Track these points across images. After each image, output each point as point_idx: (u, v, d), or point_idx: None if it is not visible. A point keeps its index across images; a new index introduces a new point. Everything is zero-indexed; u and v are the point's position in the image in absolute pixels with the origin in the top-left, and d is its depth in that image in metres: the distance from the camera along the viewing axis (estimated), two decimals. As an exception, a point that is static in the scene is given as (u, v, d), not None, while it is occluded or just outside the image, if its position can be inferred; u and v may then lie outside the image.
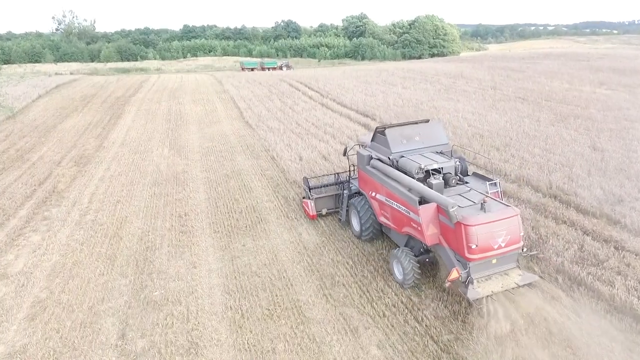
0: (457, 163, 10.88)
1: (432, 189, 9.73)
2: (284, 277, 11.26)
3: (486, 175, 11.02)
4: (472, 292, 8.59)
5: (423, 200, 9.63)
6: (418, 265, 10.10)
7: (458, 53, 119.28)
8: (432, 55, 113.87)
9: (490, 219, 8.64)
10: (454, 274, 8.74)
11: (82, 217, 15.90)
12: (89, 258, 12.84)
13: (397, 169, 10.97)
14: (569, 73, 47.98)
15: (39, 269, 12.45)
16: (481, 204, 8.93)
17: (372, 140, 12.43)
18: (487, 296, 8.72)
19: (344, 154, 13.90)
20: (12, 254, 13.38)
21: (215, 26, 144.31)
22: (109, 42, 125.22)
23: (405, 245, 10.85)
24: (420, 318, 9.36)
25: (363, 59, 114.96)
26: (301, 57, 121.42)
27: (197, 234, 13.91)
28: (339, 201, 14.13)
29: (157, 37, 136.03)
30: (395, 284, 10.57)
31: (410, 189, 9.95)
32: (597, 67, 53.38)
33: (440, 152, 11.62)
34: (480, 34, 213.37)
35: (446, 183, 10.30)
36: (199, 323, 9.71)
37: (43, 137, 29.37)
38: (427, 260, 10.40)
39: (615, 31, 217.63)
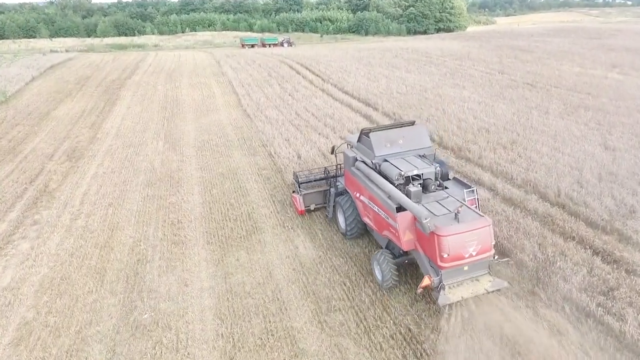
0: (437, 168, 11.15)
1: (410, 196, 10.10)
2: (278, 299, 10.82)
3: (465, 182, 11.37)
4: (443, 298, 9.08)
5: (401, 207, 9.91)
6: (396, 268, 10.56)
7: (465, 28, 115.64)
8: (438, 30, 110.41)
9: (462, 230, 8.99)
10: (425, 281, 9.33)
11: (72, 221, 15.44)
12: (78, 272, 12.44)
13: (380, 173, 11.36)
14: (580, 53, 46.23)
15: (27, 283, 12.07)
16: (455, 213, 9.24)
17: (358, 141, 12.68)
18: (457, 302, 9.15)
19: (332, 152, 14.46)
20: (0, 266, 12.99)
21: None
22: (106, 15, 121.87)
23: (386, 247, 11.24)
24: (419, 353, 8.94)
25: (367, 34, 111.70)
26: (303, 31, 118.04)
27: (190, 245, 13.43)
28: (327, 197, 14.38)
29: (155, 10, 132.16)
30: (394, 311, 10.12)
31: (389, 196, 10.29)
32: (609, 46, 51.45)
33: (423, 156, 11.90)
34: (489, 6, 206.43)
35: (426, 188, 10.72)
36: (188, 354, 9.34)
37: (36, 125, 28.66)
38: (406, 261, 10.80)
39: (629, 2, 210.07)
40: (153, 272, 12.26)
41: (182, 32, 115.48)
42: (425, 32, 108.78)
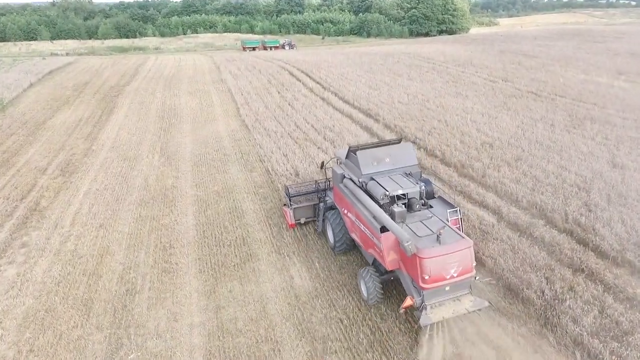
0: (422, 187, 11.27)
1: (394, 216, 10.23)
2: (271, 338, 10.28)
3: (449, 201, 11.56)
4: (424, 318, 9.25)
5: (386, 228, 9.98)
6: (381, 285, 10.72)
7: (467, 29, 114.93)
8: (441, 32, 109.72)
9: (443, 252, 9.17)
10: (407, 302, 9.57)
11: (62, 244, 14.93)
12: (64, 303, 11.92)
13: (366, 191, 11.53)
14: (585, 59, 45.55)
15: (10, 316, 11.57)
16: (437, 235, 9.38)
17: (346, 158, 12.84)
18: (439, 322, 9.30)
19: (321, 167, 14.66)
20: (-16, 296, 12.48)
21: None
22: (107, 17, 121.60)
23: (373, 264, 11.40)
24: (419, 406, 8.38)
25: (369, 36, 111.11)
26: (304, 33, 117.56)
27: (181, 273, 12.90)
28: (317, 211, 14.52)
29: (157, 12, 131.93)
30: (394, 355, 9.55)
31: (374, 216, 10.41)
32: (614, 51, 50.76)
33: (409, 174, 12.08)
34: (492, 6, 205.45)
35: (411, 208, 10.85)
36: (175, 402, 8.80)
37: (31, 135, 28.19)
38: (392, 278, 10.89)
39: (633, 2, 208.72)
40: (142, 304, 11.73)
41: (184, 34, 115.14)
42: (427, 34, 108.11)
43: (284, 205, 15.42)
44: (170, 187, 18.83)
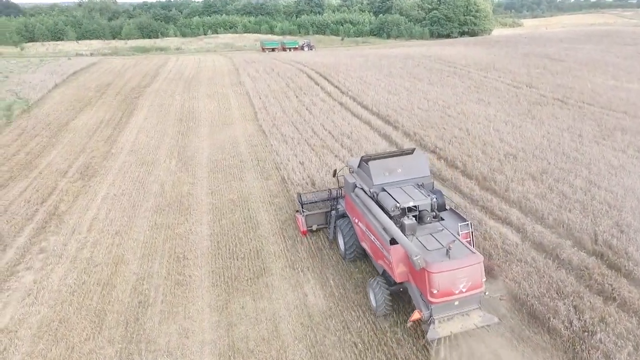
0: (434, 199, 11.16)
1: (404, 229, 10.18)
2: (283, 360, 9.99)
3: (461, 214, 11.40)
4: (432, 333, 9.18)
5: (395, 240, 9.91)
6: (390, 296, 10.64)
7: (490, 31, 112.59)
8: (462, 34, 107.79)
9: (453, 267, 9.07)
10: (415, 315, 9.53)
11: (78, 251, 15.00)
12: (77, 313, 11.91)
13: (377, 202, 11.41)
14: (614, 63, 43.88)
15: (25, 325, 11.62)
16: (447, 249, 9.28)
17: (358, 167, 12.82)
18: (446, 336, 9.18)
19: (334, 175, 14.51)
20: (1, 302, 12.60)
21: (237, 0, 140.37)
22: (131, 17, 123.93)
23: (382, 274, 11.23)
24: None
25: (389, 37, 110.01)
26: (324, 34, 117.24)
27: (194, 286, 12.74)
28: (328, 219, 14.60)
29: (179, 12, 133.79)
30: (410, 386, 9.13)
31: (384, 228, 10.34)
32: (646, 55, 48.73)
33: (421, 185, 11.99)
34: (515, 7, 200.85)
35: (421, 220, 10.81)
36: None
37: (54, 137, 28.71)
38: (401, 290, 10.72)
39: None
40: (154, 318, 11.61)
41: (204, 35, 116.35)
42: (448, 36, 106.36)
43: (297, 211, 15.52)
44: (186, 194, 18.78)
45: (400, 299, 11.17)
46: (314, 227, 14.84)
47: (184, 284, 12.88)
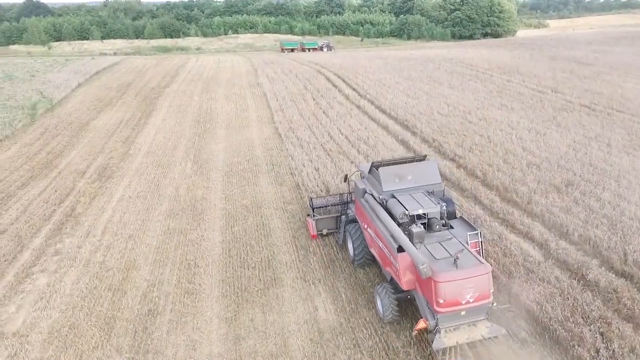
0: (444, 207, 11.07)
1: (412, 237, 10.07)
2: (291, 379, 9.68)
3: (471, 223, 11.28)
4: (437, 342, 9.12)
5: (402, 248, 9.83)
6: (397, 303, 10.58)
7: (514, 32, 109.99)
8: (485, 35, 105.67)
9: (460, 277, 8.98)
10: (421, 324, 9.44)
11: (92, 254, 15.07)
12: (87, 320, 11.89)
13: (386, 209, 11.34)
14: (646, 68, 42.01)
15: (37, 329, 11.65)
16: (454, 259, 9.19)
17: (369, 172, 12.82)
18: (452, 346, 9.13)
19: (345, 180, 14.59)
20: (15, 304, 12.71)
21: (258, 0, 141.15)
22: (154, 17, 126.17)
23: (390, 281, 11.12)
24: None
25: (409, 38, 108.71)
26: (343, 34, 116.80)
27: (204, 296, 12.57)
28: (338, 224, 14.58)
29: (200, 12, 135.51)
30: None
31: (392, 235, 10.26)
32: (681, 59, 46.57)
33: (431, 192, 11.89)
34: (541, 7, 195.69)
35: (430, 228, 10.69)
36: None
37: (75, 137, 29.21)
38: (409, 297, 10.61)
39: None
40: (162, 327, 11.48)
41: (225, 34, 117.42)
42: (471, 37, 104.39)
43: (308, 215, 15.55)
44: (200, 199, 18.71)
45: (409, 306, 10.92)
46: (324, 232, 14.88)
47: (194, 293, 12.73)
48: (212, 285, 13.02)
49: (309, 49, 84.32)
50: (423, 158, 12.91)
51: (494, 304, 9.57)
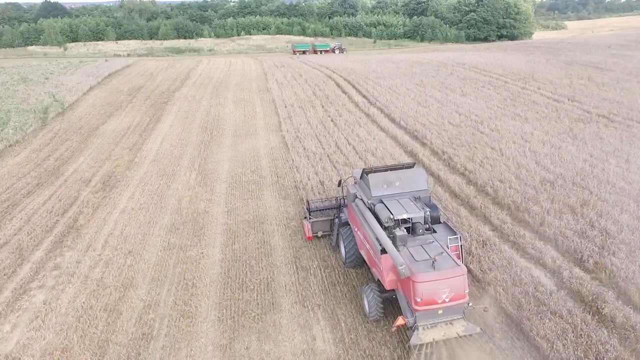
0: (427, 212, 11.79)
1: (395, 239, 10.69)
2: (284, 418, 9.25)
3: (453, 228, 12.00)
4: (415, 338, 9.73)
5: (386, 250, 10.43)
6: (381, 302, 11.24)
7: (530, 34, 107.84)
8: (500, 37, 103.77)
9: (436, 277, 9.66)
10: (399, 321, 10.17)
11: (90, 270, 14.87)
12: (81, 343, 11.64)
13: (373, 213, 11.97)
14: (669, 75, 40.45)
15: (29, 352, 11.44)
16: (433, 261, 9.88)
17: (360, 178, 13.53)
18: (429, 343, 9.70)
19: (339, 185, 15.14)
20: (10, 323, 12.54)
21: (271, 1, 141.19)
22: (168, 18, 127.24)
23: (377, 281, 11.76)
24: None
25: (422, 40, 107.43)
26: (356, 36, 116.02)
27: (200, 320, 12.23)
28: (332, 226, 15.25)
29: (214, 13, 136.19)
30: None
31: (377, 238, 10.89)
32: None
33: (418, 198, 12.54)
34: (559, 8, 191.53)
35: (414, 231, 11.38)
36: None
37: (83, 142, 29.28)
38: (393, 297, 11.13)
39: None
40: (155, 354, 11.17)
41: (238, 35, 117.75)
42: (486, 39, 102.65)
43: (304, 218, 16.12)
44: (202, 212, 18.42)
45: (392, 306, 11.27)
46: (319, 234, 15.63)
47: (190, 316, 12.40)
48: (209, 308, 12.67)
49: (321, 51, 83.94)
50: (412, 165, 13.62)
51: (470, 304, 10.21)
